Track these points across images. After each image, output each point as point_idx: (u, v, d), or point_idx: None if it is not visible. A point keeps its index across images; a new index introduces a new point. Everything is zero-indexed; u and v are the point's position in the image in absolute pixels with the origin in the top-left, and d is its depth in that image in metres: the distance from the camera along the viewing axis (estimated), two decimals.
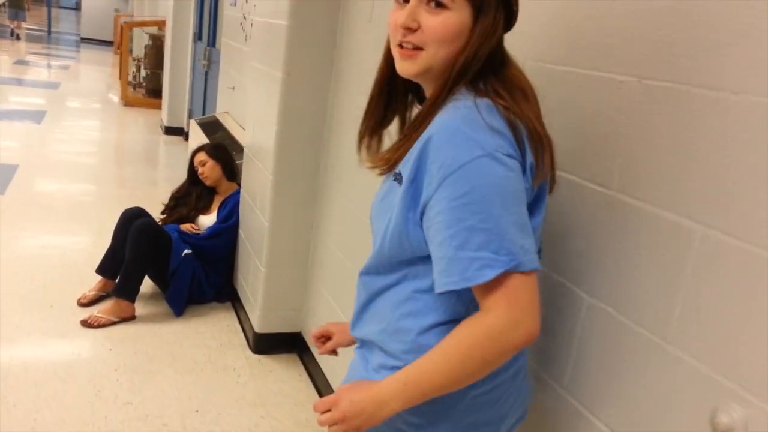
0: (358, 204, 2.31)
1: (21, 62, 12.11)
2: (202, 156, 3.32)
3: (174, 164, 6.20)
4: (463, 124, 0.91)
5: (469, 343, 0.90)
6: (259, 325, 2.85)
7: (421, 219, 0.97)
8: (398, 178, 1.00)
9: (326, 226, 2.65)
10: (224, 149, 3.41)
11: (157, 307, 3.17)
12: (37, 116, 7.21)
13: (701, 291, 1.00)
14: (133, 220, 3.06)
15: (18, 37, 16.41)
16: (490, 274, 0.86)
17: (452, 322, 0.99)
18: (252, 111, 2.99)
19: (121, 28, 9.68)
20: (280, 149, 2.60)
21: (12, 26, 16.54)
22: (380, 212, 1.07)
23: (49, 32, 19.73)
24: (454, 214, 0.87)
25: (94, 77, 11.74)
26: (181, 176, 5.70)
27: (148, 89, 9.12)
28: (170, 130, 7.29)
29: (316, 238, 2.75)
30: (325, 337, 1.39)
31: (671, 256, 1.05)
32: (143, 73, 9.61)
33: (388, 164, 1.05)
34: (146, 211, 3.23)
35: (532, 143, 0.96)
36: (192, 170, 3.39)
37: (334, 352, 1.38)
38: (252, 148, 2.99)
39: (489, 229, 0.86)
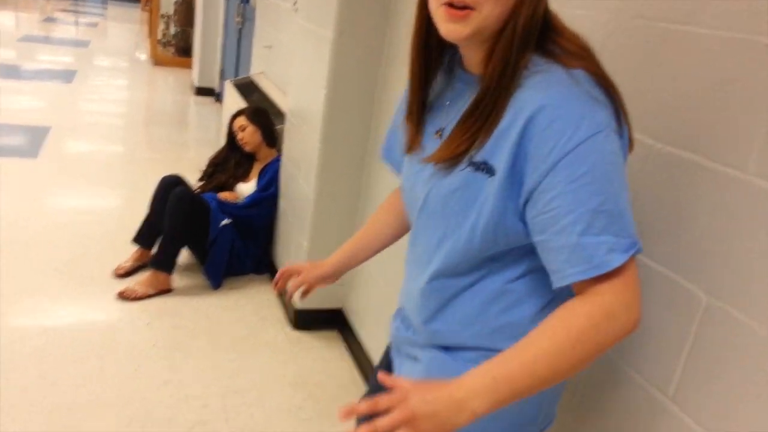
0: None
1: (49, 19, 12.02)
2: (241, 120, 3.16)
3: (205, 126, 6.08)
4: (568, 100, 0.82)
5: (581, 324, 0.79)
6: (299, 301, 2.72)
7: (524, 209, 0.87)
8: (483, 168, 0.89)
9: (375, 197, 2.49)
10: (264, 114, 3.24)
11: (194, 279, 3.07)
12: (68, 76, 7.12)
13: None
14: (170, 189, 2.93)
15: None
16: (619, 260, 0.79)
17: (554, 300, 0.95)
18: (296, 73, 2.80)
19: None
20: (328, 114, 2.43)
21: None
22: (455, 209, 0.95)
23: None
24: (575, 196, 0.80)
25: (123, 35, 11.62)
26: (213, 139, 5.62)
27: (177, 47, 8.95)
28: (201, 91, 7.14)
29: (364, 209, 2.59)
30: (286, 277, 1.33)
31: None
32: (172, 30, 9.43)
33: (457, 156, 0.92)
34: (184, 178, 3.09)
35: (624, 112, 0.88)
36: (231, 135, 3.24)
37: (306, 292, 1.31)
38: (296, 113, 2.82)
39: (610, 211, 0.80)
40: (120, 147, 4.94)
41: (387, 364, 1.23)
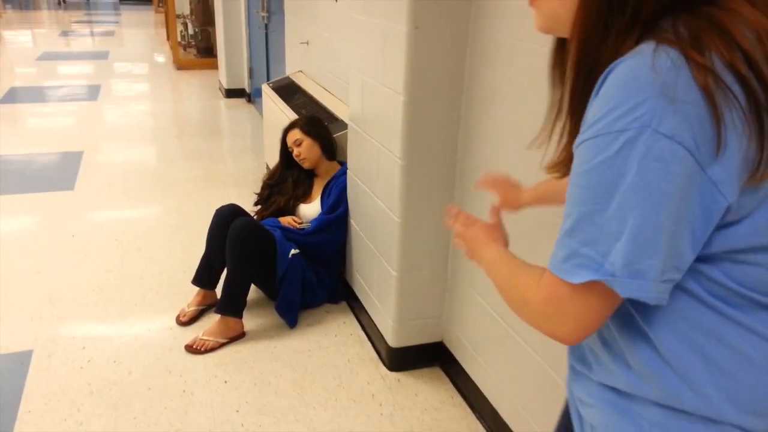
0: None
1: (65, 33, 11.80)
2: (296, 134, 2.80)
3: (243, 132, 5.75)
4: (625, 80, 0.66)
5: (512, 286, 0.85)
6: (394, 339, 2.39)
7: None
8: None
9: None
10: (320, 123, 2.88)
11: (266, 318, 2.75)
12: (92, 92, 6.86)
13: None
14: (229, 221, 2.60)
15: (64, 2, 16.15)
16: (581, 278, 0.70)
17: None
18: (356, 73, 2.42)
19: None
20: (409, 126, 2.05)
21: None
22: None
23: None
24: (576, 190, 0.70)
25: (140, 41, 11.34)
26: (253, 147, 5.30)
27: (199, 48, 8.62)
28: (231, 93, 6.81)
29: None
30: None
31: None
32: (191, 30, 9.10)
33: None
34: (242, 208, 2.76)
35: (758, 124, 0.64)
36: (285, 152, 2.88)
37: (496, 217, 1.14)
38: (360, 120, 2.45)
39: (601, 227, 0.68)
40: (156, 166, 4.64)
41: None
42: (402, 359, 2.42)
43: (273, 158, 4.12)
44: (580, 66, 0.74)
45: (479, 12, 1.92)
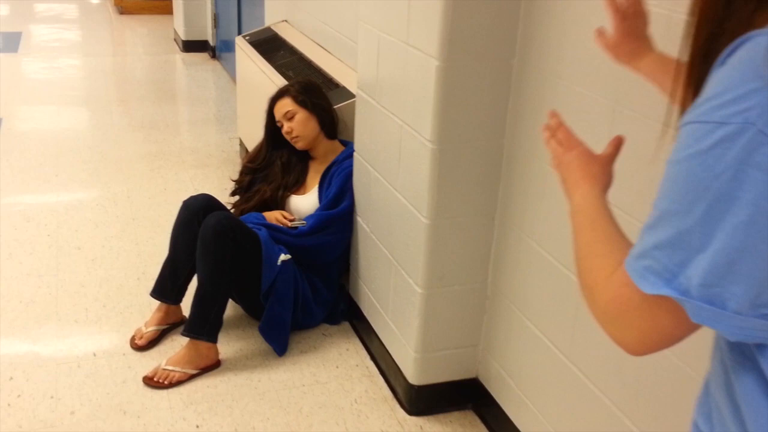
0: None
1: None
2: (287, 105, 2.71)
3: (204, 96, 5.66)
4: (741, 60, 0.67)
5: (585, 263, 0.86)
6: (416, 374, 2.32)
7: None
8: None
9: (521, 218, 2.05)
10: (318, 91, 2.79)
11: (247, 342, 2.68)
12: (10, 42, 6.72)
13: None
14: (200, 217, 2.51)
15: None
16: (648, 286, 0.71)
17: None
18: (371, 29, 2.33)
19: None
20: (445, 99, 1.97)
21: None
22: None
23: None
24: (665, 178, 0.72)
25: None
26: (218, 114, 5.20)
27: None
28: (190, 46, 6.69)
29: (504, 235, 2.15)
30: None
31: None
32: None
33: None
34: (216, 199, 2.67)
35: None
36: (272, 127, 2.79)
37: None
38: (376, 91, 2.36)
39: (689, 233, 0.67)
40: (97, 139, 4.54)
41: None
42: (425, 400, 2.35)
43: (250, 132, 4.04)
44: (699, 28, 0.75)
45: None
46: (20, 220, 3.43)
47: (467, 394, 2.39)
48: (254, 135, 3.91)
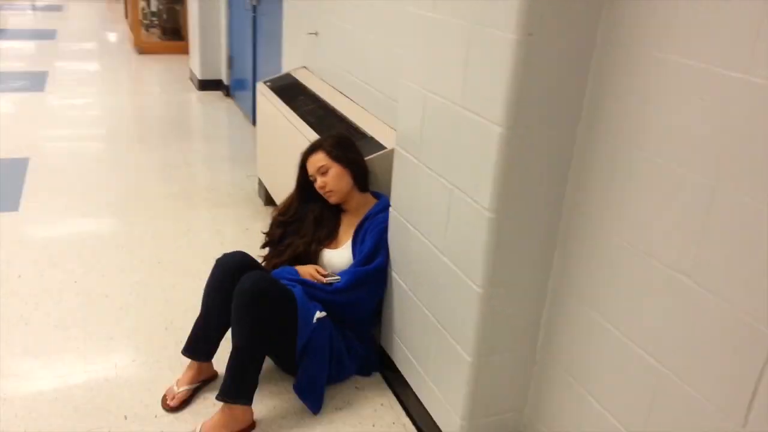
0: (666, 256, 1.43)
1: (2, 7, 11.11)
2: (321, 159, 2.37)
3: (220, 134, 5.31)
4: None
5: None
6: None
7: None
8: None
9: (580, 287, 1.72)
10: (352, 145, 2.45)
11: (280, 400, 2.32)
12: (38, 80, 6.31)
13: None
14: (236, 276, 2.16)
15: None
16: None
17: None
18: (416, 88, 2.00)
19: None
20: (508, 167, 1.63)
21: None
22: None
23: None
24: None
25: (92, 18, 10.73)
26: (234, 152, 4.83)
27: (165, 29, 8.10)
28: (205, 84, 6.33)
29: (559, 303, 1.82)
30: None
31: None
32: (153, 8, 8.57)
33: None
34: (251, 257, 2.31)
35: None
36: (304, 181, 2.44)
37: None
38: (420, 150, 2.03)
39: None
40: (121, 179, 4.15)
41: None
42: None
43: (268, 173, 3.69)
44: None
45: (614, 18, 1.52)
46: (47, 266, 3.05)
47: None
48: (274, 176, 3.58)
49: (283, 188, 2.85)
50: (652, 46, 1.42)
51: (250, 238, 3.20)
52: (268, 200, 3.78)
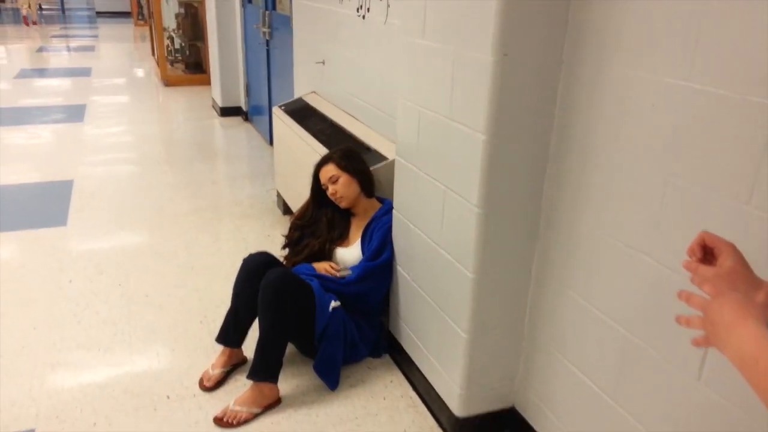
0: (630, 239, 1.52)
1: (43, 49, 11.30)
2: (331, 170, 2.47)
3: (241, 154, 5.41)
4: None
5: None
6: (461, 407, 2.06)
7: None
8: None
9: (559, 271, 1.81)
10: (358, 157, 2.55)
11: (302, 378, 2.41)
12: (77, 113, 6.44)
13: None
14: (261, 273, 2.26)
15: (34, 22, 15.43)
16: None
17: None
18: (412, 105, 2.10)
19: None
20: (491, 169, 1.74)
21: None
22: None
23: (63, 10, 18.88)
24: None
25: (122, 56, 10.89)
26: (254, 170, 4.94)
27: (188, 64, 8.24)
28: (226, 111, 6.45)
29: (541, 285, 1.91)
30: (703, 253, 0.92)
31: None
32: (176, 45, 8.72)
33: None
34: (273, 256, 2.42)
35: None
36: (318, 189, 2.55)
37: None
38: (417, 158, 2.13)
39: None
40: (156, 196, 4.26)
41: None
42: (469, 429, 2.10)
43: (286, 187, 3.79)
44: None
45: (577, 39, 1.62)
46: (94, 272, 3.15)
47: (504, 422, 2.13)
48: (290, 189, 3.68)
49: (300, 198, 2.95)
50: (610, 62, 1.53)
51: (272, 243, 3.30)
52: (287, 210, 3.88)
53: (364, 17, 2.98)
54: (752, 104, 1.18)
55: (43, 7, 17.77)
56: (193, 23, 7.91)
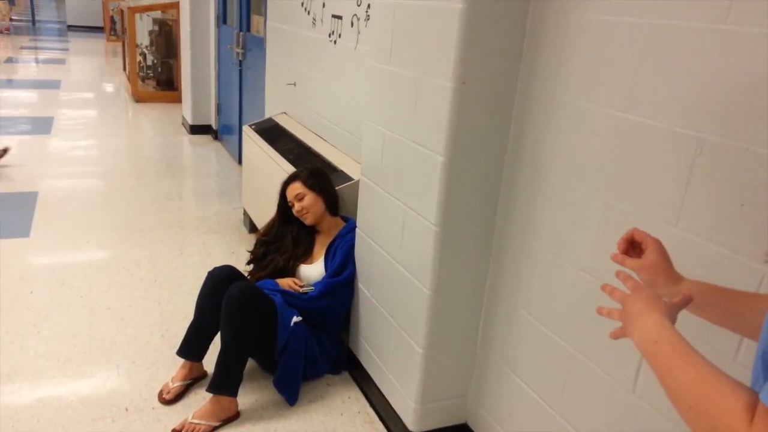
0: (574, 258, 1.61)
1: (11, 60, 11.19)
2: (298, 188, 2.55)
3: (210, 171, 5.45)
4: None
5: (705, 405, 0.68)
6: (415, 422, 2.13)
7: None
8: None
9: (511, 289, 1.91)
10: (324, 176, 2.63)
11: (261, 393, 2.45)
12: (45, 125, 6.40)
13: None
14: (225, 286, 2.31)
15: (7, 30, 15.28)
16: None
17: None
18: (376, 127, 2.20)
19: (122, 12, 8.77)
20: (449, 189, 1.83)
21: None
22: None
23: (33, 22, 18.72)
24: None
25: (93, 70, 10.84)
26: (222, 187, 4.98)
27: (159, 81, 8.26)
28: (196, 129, 6.48)
29: (494, 302, 2.01)
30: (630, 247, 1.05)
31: None
32: (149, 62, 8.74)
33: None
34: (238, 270, 2.47)
35: None
36: (284, 206, 2.62)
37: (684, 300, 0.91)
38: (380, 178, 2.22)
39: None
40: (122, 209, 4.26)
41: None
42: None
43: (253, 205, 3.85)
44: None
45: (530, 70, 1.74)
46: (56, 284, 3.15)
47: None
48: (258, 207, 3.74)
49: (267, 217, 3.00)
50: (559, 92, 1.65)
51: (237, 260, 3.33)
52: (253, 228, 3.93)
53: (335, 42, 3.09)
54: (679, 135, 1.30)
55: (12, 18, 17.57)
56: (166, 40, 7.96)
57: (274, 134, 3.70)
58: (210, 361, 2.37)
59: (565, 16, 1.60)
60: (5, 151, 4.93)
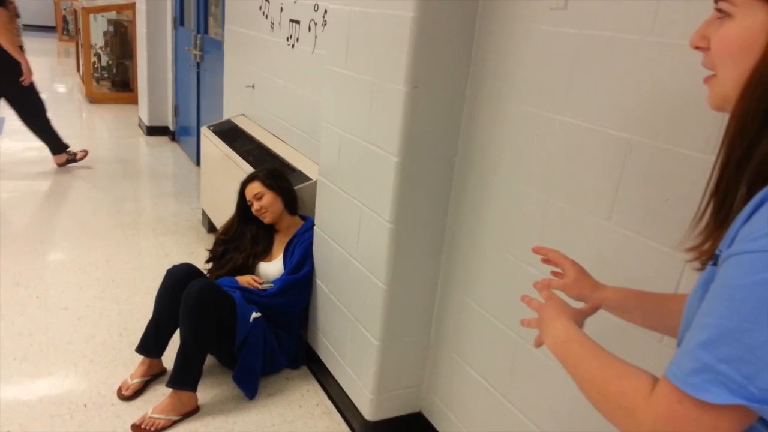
0: (518, 252, 1.72)
1: None
2: (256, 187, 2.59)
3: (167, 173, 5.41)
4: None
5: (615, 387, 0.74)
6: (371, 412, 2.20)
7: None
8: (716, 260, 0.70)
9: (462, 283, 2.00)
10: (282, 176, 2.68)
11: (221, 388, 2.48)
12: None
13: None
14: (183, 283, 2.34)
15: None
16: (714, 397, 0.62)
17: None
18: (333, 128, 2.27)
19: (75, 12, 8.60)
20: (402, 188, 1.92)
21: None
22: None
23: None
24: (723, 300, 0.63)
25: (44, 70, 10.55)
26: (180, 188, 4.97)
27: (114, 82, 8.14)
28: (153, 130, 6.43)
29: (446, 295, 2.10)
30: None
31: None
32: (103, 63, 8.60)
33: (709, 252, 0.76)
34: (197, 268, 2.50)
35: None
36: (243, 206, 2.66)
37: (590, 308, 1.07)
38: (337, 178, 2.29)
39: (748, 345, 0.60)
40: (77, 211, 4.22)
41: None
42: None
43: (212, 205, 3.86)
44: (731, 151, 0.70)
45: (478, 75, 1.84)
46: (11, 285, 3.11)
47: (412, 426, 2.29)
48: (216, 207, 3.76)
49: (225, 216, 3.02)
50: (504, 98, 1.75)
51: (195, 260, 3.31)
52: (211, 228, 3.94)
53: (293, 46, 3.15)
54: (611, 137, 1.42)
55: None
56: (122, 42, 7.86)
57: (232, 135, 3.73)
58: (169, 358, 2.40)
59: (510, 25, 1.70)
60: (85, 153, 5.26)
